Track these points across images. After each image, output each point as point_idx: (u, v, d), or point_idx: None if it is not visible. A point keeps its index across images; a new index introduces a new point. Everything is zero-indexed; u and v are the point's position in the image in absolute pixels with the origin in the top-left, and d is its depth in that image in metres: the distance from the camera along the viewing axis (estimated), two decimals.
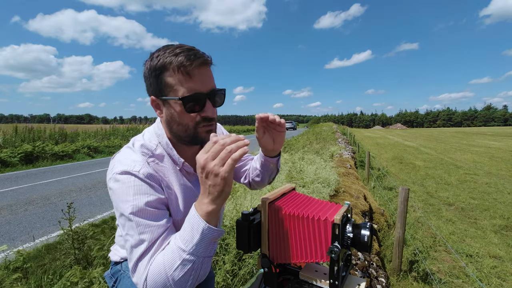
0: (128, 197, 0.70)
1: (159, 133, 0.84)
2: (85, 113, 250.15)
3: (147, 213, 0.70)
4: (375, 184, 7.67)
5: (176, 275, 0.64)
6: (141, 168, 0.74)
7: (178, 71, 0.71)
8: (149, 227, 0.69)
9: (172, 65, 0.71)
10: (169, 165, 0.82)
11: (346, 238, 0.68)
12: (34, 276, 2.51)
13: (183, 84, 0.72)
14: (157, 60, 0.73)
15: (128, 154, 0.78)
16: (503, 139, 25.40)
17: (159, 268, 0.65)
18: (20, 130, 11.80)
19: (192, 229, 0.65)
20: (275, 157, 0.97)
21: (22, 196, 5.76)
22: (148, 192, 0.72)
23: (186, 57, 0.71)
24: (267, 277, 0.79)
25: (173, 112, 0.76)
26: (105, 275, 1.05)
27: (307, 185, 3.93)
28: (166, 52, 0.72)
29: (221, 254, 2.15)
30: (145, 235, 0.68)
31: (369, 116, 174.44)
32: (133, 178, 0.72)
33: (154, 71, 0.73)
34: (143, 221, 0.69)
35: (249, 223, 0.75)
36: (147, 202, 0.71)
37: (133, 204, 0.69)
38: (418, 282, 3.27)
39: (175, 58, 0.71)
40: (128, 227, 0.70)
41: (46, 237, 3.86)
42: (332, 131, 23.60)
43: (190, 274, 0.65)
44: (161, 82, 0.74)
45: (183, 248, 0.64)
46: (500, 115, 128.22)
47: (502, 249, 4.16)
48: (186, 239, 0.65)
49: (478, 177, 8.98)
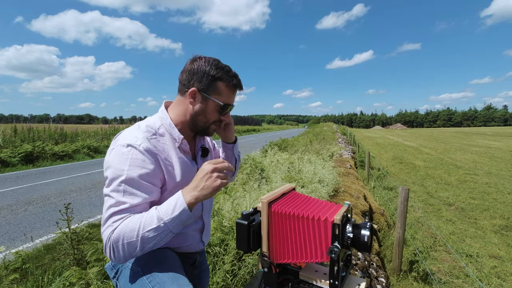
0: (124, 167, 0.84)
1: (163, 116, 1.01)
2: (85, 113, 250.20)
3: (136, 184, 0.84)
4: (375, 184, 7.67)
5: (146, 235, 0.79)
6: (142, 143, 0.89)
7: (228, 87, 0.99)
8: (134, 195, 0.84)
9: (227, 82, 0.98)
10: (169, 142, 0.98)
11: (346, 238, 0.68)
12: (33, 276, 2.51)
13: (226, 96, 1.00)
14: (216, 71, 0.96)
15: (133, 131, 0.94)
16: (503, 139, 25.40)
17: (133, 226, 0.79)
18: (20, 130, 11.80)
19: (174, 207, 0.82)
20: (231, 143, 1.22)
21: (22, 196, 5.75)
22: (142, 165, 0.86)
23: (236, 81, 1.01)
24: (267, 277, 0.79)
25: (205, 107, 0.99)
26: (106, 267, 1.07)
27: (306, 185, 3.93)
28: (224, 70, 0.98)
29: (220, 255, 2.15)
30: (127, 198, 0.83)
31: (369, 116, 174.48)
32: (133, 150, 0.86)
33: (212, 76, 0.96)
34: (130, 189, 0.83)
35: (249, 223, 0.75)
36: (139, 175, 0.85)
37: (126, 174, 0.83)
38: (418, 282, 3.27)
39: (231, 79, 0.99)
40: (114, 191, 0.83)
41: (46, 237, 3.85)
42: (332, 131, 23.61)
43: (155, 239, 0.81)
44: (213, 85, 0.97)
45: (162, 217, 0.81)
46: (500, 115, 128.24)
47: (502, 249, 4.16)
48: (167, 212, 0.81)
49: (478, 177, 8.98)
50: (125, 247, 0.79)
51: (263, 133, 44.96)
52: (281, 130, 62.03)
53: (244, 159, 5.99)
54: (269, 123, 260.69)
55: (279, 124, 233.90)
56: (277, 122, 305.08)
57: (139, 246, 0.80)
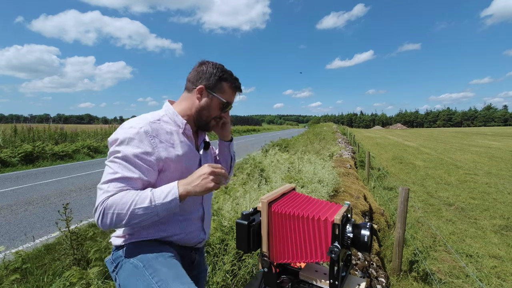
0: (122, 144, 0.94)
1: (167, 108, 1.12)
2: (85, 113, 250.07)
3: (132, 162, 0.93)
4: (375, 184, 7.67)
5: (135, 212, 0.87)
6: (144, 126, 0.98)
7: (231, 87, 1.14)
8: (129, 170, 0.93)
9: (231, 83, 1.13)
10: (173, 127, 1.08)
11: (346, 238, 0.68)
12: (33, 276, 2.51)
13: (228, 95, 1.13)
14: (222, 73, 1.10)
15: (138, 117, 1.05)
16: (503, 139, 25.41)
17: (127, 200, 0.87)
18: (20, 130, 11.80)
19: (167, 194, 0.90)
20: (227, 141, 1.31)
21: (22, 196, 5.75)
22: (139, 146, 0.95)
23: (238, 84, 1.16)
24: (267, 277, 0.79)
25: (210, 103, 1.11)
26: (106, 260, 1.08)
27: (306, 185, 3.93)
28: (229, 73, 1.13)
29: (220, 255, 2.15)
30: (123, 170, 0.92)
31: (369, 116, 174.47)
32: (134, 130, 0.96)
33: (218, 76, 1.10)
34: (125, 164, 0.93)
35: (249, 223, 0.75)
36: (134, 154, 0.94)
37: (123, 151, 0.93)
38: (418, 282, 3.27)
39: (234, 81, 1.14)
40: (112, 162, 0.94)
41: (46, 237, 3.86)
42: (332, 131, 23.61)
43: (141, 217, 0.88)
44: (218, 85, 1.10)
45: (154, 199, 0.89)
46: (500, 115, 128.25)
47: (502, 249, 4.16)
48: (160, 197, 0.90)
49: (478, 177, 8.98)
50: (114, 217, 0.87)
51: (263, 133, 44.95)
52: (281, 130, 62.03)
53: (244, 159, 6.00)
54: (269, 123, 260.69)
55: (279, 124, 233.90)
56: (277, 122, 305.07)
57: (126, 219, 0.87)
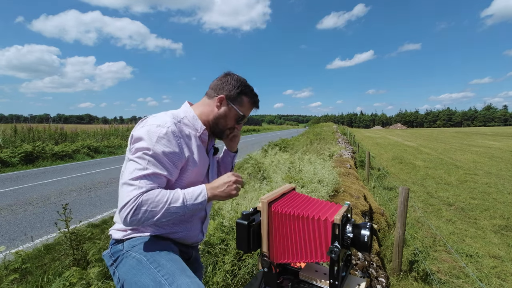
0: (152, 141, 0.96)
1: (187, 110, 1.15)
2: (85, 113, 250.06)
3: (160, 159, 0.96)
4: (375, 184, 7.67)
5: (170, 210, 0.92)
6: (171, 125, 1.02)
7: (249, 102, 1.18)
8: (156, 166, 0.95)
9: (249, 98, 1.18)
10: (192, 131, 1.11)
11: (346, 238, 0.68)
12: (33, 276, 2.51)
13: (246, 108, 1.18)
14: (244, 87, 1.15)
15: (162, 116, 1.07)
16: (503, 139, 25.40)
17: (161, 198, 0.91)
18: (20, 130, 11.79)
19: (198, 195, 0.98)
20: (233, 152, 1.38)
21: (22, 196, 5.75)
22: (167, 145, 0.98)
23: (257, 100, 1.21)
24: (267, 277, 0.79)
25: (227, 113, 1.15)
26: (104, 254, 1.07)
27: (306, 185, 3.93)
28: (250, 89, 1.18)
29: (220, 255, 2.15)
30: (151, 166, 0.94)
31: (369, 116, 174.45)
32: (163, 129, 0.99)
33: (240, 90, 1.14)
34: (154, 161, 0.95)
35: (249, 223, 0.75)
36: (163, 152, 0.97)
37: (153, 148, 0.95)
38: (418, 282, 3.27)
39: (254, 97, 1.20)
40: (140, 158, 0.94)
41: (46, 237, 3.86)
42: (332, 131, 23.60)
43: (172, 215, 0.93)
44: (239, 98, 1.15)
45: (186, 199, 0.95)
46: (500, 115, 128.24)
47: (502, 249, 4.16)
48: (191, 198, 0.97)
49: (478, 177, 8.98)
50: (146, 213, 0.89)
51: (263, 133, 44.94)
52: (281, 130, 62.00)
53: (245, 158, 6.00)
54: (269, 123, 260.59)
55: (279, 124, 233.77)
56: (277, 122, 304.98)
57: (158, 216, 0.90)
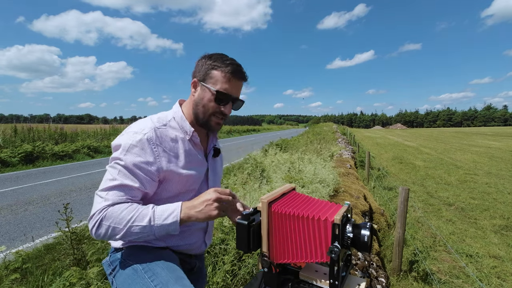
0: (124, 150, 0.90)
1: (176, 110, 1.05)
2: (85, 113, 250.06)
3: (130, 168, 0.89)
4: (375, 184, 7.67)
5: (132, 229, 0.84)
6: (148, 132, 0.93)
7: (222, 74, 0.96)
8: (126, 176, 0.89)
9: (222, 68, 0.96)
10: (179, 134, 1.01)
11: (346, 238, 0.68)
12: (33, 276, 2.51)
13: (221, 83, 0.97)
14: (214, 59, 0.98)
15: (143, 121, 0.99)
16: (503, 139, 25.40)
17: (125, 215, 0.84)
18: (20, 130, 11.79)
19: (169, 215, 0.86)
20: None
21: (22, 196, 5.75)
22: (139, 154, 0.90)
23: (233, 68, 0.97)
24: (267, 277, 0.79)
25: (204, 96, 0.99)
26: (103, 262, 1.05)
27: (307, 185, 3.93)
28: (222, 58, 0.98)
29: (220, 255, 2.15)
30: (119, 177, 0.88)
31: (369, 116, 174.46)
32: (137, 137, 0.91)
33: (208, 65, 0.98)
34: (125, 172, 0.89)
35: (249, 223, 0.75)
36: (134, 161, 0.89)
37: (124, 157, 0.89)
38: (418, 282, 3.27)
39: (227, 65, 0.97)
40: (112, 167, 0.90)
41: (46, 237, 3.85)
42: (332, 131, 23.60)
43: (137, 235, 0.85)
44: (209, 74, 0.98)
45: (154, 219, 0.85)
46: (500, 115, 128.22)
47: (502, 249, 4.16)
48: (160, 217, 0.85)
49: (478, 177, 8.98)
50: (109, 230, 0.84)
51: (263, 133, 44.96)
52: (281, 130, 62.05)
53: (245, 158, 6.00)
54: (269, 123, 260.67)
55: (279, 124, 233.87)
56: (277, 122, 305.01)
57: (121, 234, 0.84)
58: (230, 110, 1.02)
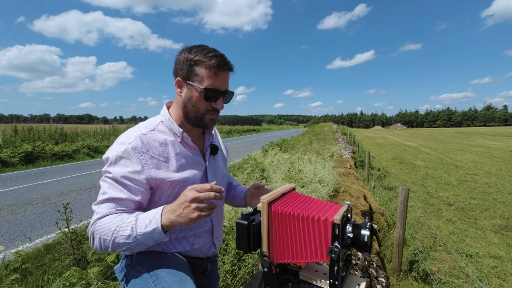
0: (111, 162, 0.90)
1: (163, 113, 1.02)
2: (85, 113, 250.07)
3: (119, 180, 0.89)
4: (375, 184, 7.67)
5: (117, 240, 0.83)
6: (133, 140, 0.91)
7: (207, 70, 0.91)
8: (115, 188, 0.89)
9: (205, 63, 0.90)
10: (170, 137, 0.98)
11: (346, 238, 0.68)
12: (33, 276, 2.51)
13: (208, 79, 0.91)
14: (195, 54, 0.91)
15: (132, 130, 0.98)
16: (503, 139, 25.40)
17: (111, 226, 0.83)
18: (20, 130, 11.80)
19: (150, 222, 0.82)
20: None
21: (22, 196, 5.75)
22: (126, 164, 0.90)
23: (217, 61, 0.90)
24: (267, 277, 0.79)
25: (192, 96, 0.94)
26: (115, 268, 1.05)
27: (306, 185, 3.93)
28: (204, 52, 0.91)
29: (220, 255, 2.15)
30: (110, 189, 0.88)
31: (369, 116, 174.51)
32: (123, 147, 0.90)
33: (190, 61, 0.91)
34: (115, 184, 0.89)
35: (249, 223, 0.75)
36: (122, 172, 0.89)
37: (112, 169, 0.89)
38: (418, 282, 3.27)
39: (210, 59, 0.90)
40: (103, 181, 0.91)
41: (46, 237, 3.85)
42: (332, 131, 23.60)
43: (125, 245, 0.83)
44: (192, 71, 0.92)
45: (136, 228, 0.82)
46: (500, 115, 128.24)
47: (502, 249, 4.16)
48: (142, 225, 0.82)
49: (478, 177, 8.98)
50: (101, 241, 0.85)
51: (263, 133, 44.95)
52: (281, 130, 62.02)
53: (244, 159, 6.00)
54: (269, 123, 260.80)
55: (279, 124, 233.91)
56: (277, 122, 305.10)
57: (111, 246, 0.84)
58: (222, 105, 0.97)
